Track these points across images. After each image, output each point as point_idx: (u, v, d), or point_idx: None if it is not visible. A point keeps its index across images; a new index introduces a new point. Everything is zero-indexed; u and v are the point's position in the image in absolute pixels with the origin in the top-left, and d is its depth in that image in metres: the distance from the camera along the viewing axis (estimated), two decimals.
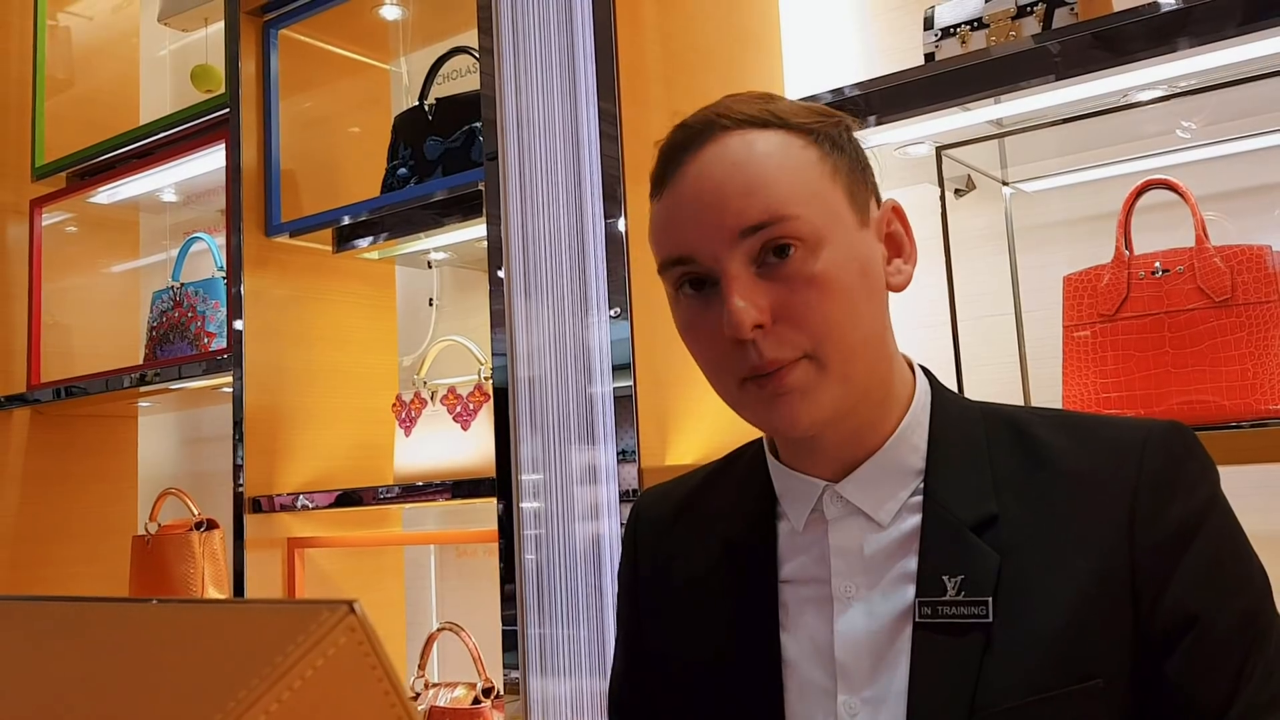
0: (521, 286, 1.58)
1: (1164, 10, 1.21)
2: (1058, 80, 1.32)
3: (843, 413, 0.81)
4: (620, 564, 1.02)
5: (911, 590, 0.80)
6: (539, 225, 1.58)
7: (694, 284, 0.82)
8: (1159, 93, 1.38)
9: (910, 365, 0.88)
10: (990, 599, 0.77)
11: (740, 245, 0.78)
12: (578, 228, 1.54)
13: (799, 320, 0.78)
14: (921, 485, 0.83)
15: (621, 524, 1.45)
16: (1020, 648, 0.76)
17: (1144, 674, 0.76)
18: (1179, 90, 1.37)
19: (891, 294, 0.86)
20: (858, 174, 0.84)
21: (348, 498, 1.91)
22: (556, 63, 1.58)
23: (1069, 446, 0.82)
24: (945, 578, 0.79)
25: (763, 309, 0.78)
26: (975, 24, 1.41)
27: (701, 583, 0.91)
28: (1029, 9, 1.37)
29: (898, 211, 0.86)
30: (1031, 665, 0.75)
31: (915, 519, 0.83)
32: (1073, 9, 1.34)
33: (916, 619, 0.79)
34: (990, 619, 0.77)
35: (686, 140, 0.82)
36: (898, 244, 0.86)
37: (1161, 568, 0.76)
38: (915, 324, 1.66)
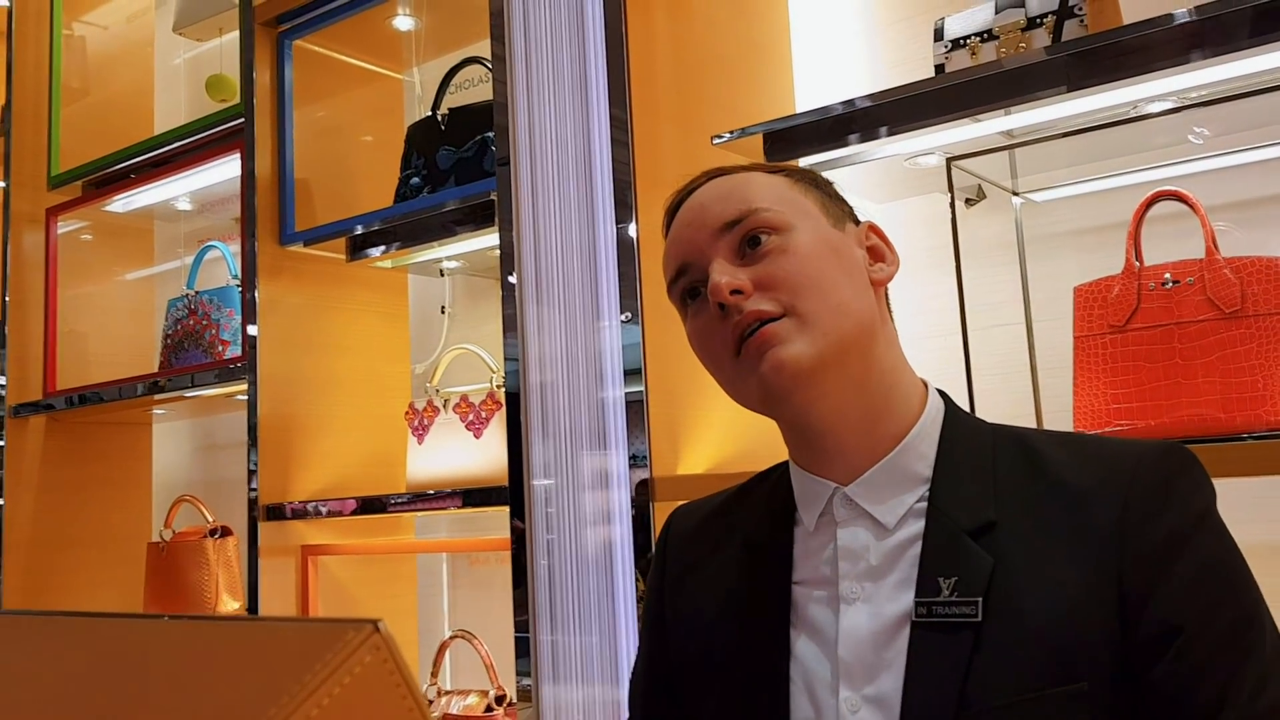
0: (533, 292, 1.59)
1: (1174, 23, 1.21)
2: (1068, 92, 1.32)
3: (827, 369, 0.85)
4: (651, 570, 1.07)
5: (912, 593, 0.84)
6: (550, 231, 1.59)
7: (693, 294, 0.92)
8: (1169, 104, 1.38)
9: (925, 385, 0.93)
10: (981, 600, 0.80)
11: (721, 240, 0.89)
12: (589, 234, 1.55)
13: (775, 283, 0.86)
14: (927, 493, 0.87)
15: (633, 530, 1.46)
16: (1009, 648, 0.79)
17: (1130, 681, 0.78)
18: (1189, 102, 1.37)
19: (897, 316, 0.95)
20: (831, 201, 0.94)
21: (361, 505, 1.92)
22: (568, 71, 1.59)
23: (1068, 460, 0.85)
24: (941, 579, 0.83)
25: (743, 281, 0.87)
26: (985, 36, 1.42)
27: (721, 583, 0.96)
28: (1039, 21, 1.38)
29: (874, 228, 0.95)
30: (1019, 665, 0.78)
31: (919, 525, 0.86)
32: (1083, 21, 1.34)
33: (914, 619, 0.82)
34: (979, 619, 0.80)
35: (686, 189, 0.96)
36: (878, 253, 0.94)
37: (1149, 577, 0.78)
38: (926, 334, 1.67)
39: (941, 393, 0.93)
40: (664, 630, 1.01)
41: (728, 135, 1.55)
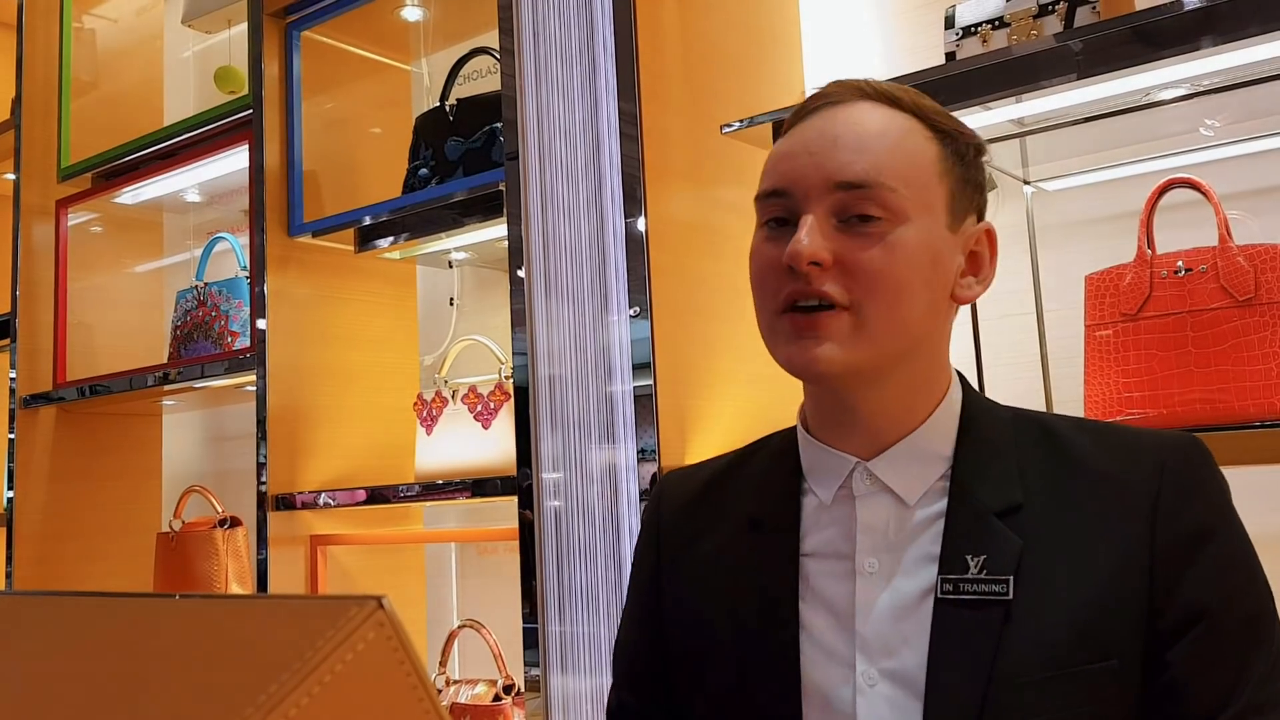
0: (542, 286, 1.59)
1: (1187, 9, 1.20)
2: (1080, 79, 1.31)
3: (862, 376, 0.84)
4: (640, 542, 1.05)
5: (933, 570, 0.84)
6: (559, 225, 1.58)
7: (778, 221, 0.87)
8: (1182, 91, 1.37)
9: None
10: (1011, 578, 0.81)
11: (831, 196, 0.83)
12: (598, 227, 1.54)
13: (856, 271, 0.82)
14: (949, 471, 0.87)
15: (641, 522, 1.46)
16: (1040, 625, 0.79)
17: (1149, 660, 0.80)
18: (1202, 89, 1.36)
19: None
20: (967, 188, 0.88)
21: (370, 496, 1.93)
22: (577, 63, 1.59)
23: (1092, 447, 0.86)
24: (968, 557, 0.82)
25: (827, 252, 0.82)
26: (996, 23, 1.41)
27: (723, 557, 0.94)
28: (1050, 8, 1.37)
29: (990, 235, 0.90)
30: (1051, 642, 0.79)
31: (941, 503, 0.86)
32: (1094, 7, 1.33)
33: (938, 595, 0.82)
34: (1010, 596, 0.80)
35: (830, 95, 0.88)
36: (978, 263, 0.90)
37: (1178, 562, 0.80)
38: None
39: (958, 372, 0.93)
40: (659, 602, 0.99)
41: (737, 124, 1.55)
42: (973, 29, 1.43)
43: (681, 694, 0.95)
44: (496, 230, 1.89)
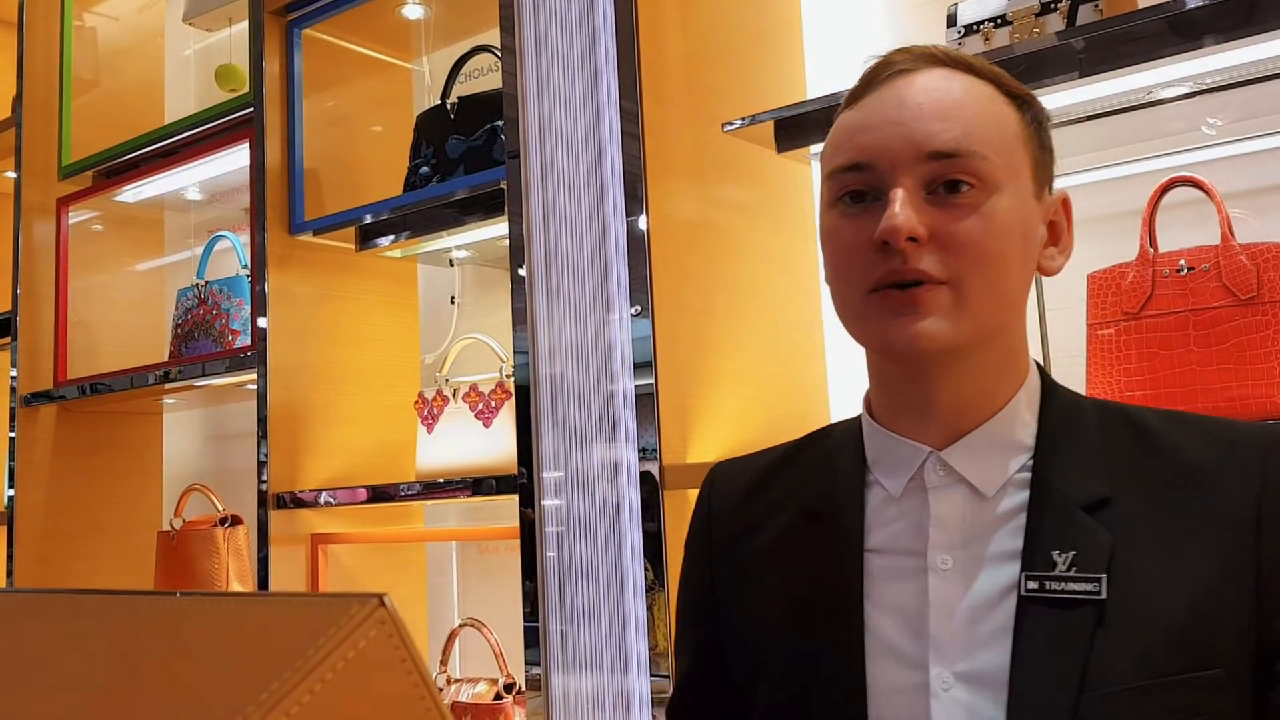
0: (543, 284, 1.59)
1: (1189, 7, 1.20)
2: (1081, 78, 1.31)
3: (959, 354, 0.80)
4: (691, 535, 0.99)
5: (1014, 567, 0.78)
6: (560, 223, 1.58)
7: (855, 196, 0.82)
8: (1184, 89, 1.37)
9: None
10: (1104, 576, 0.75)
11: (921, 167, 0.78)
12: (599, 226, 1.54)
13: (955, 245, 0.78)
14: (1029, 462, 0.82)
15: (642, 520, 1.46)
16: (1136, 629, 0.74)
17: (1261, 672, 0.74)
18: (1204, 87, 1.36)
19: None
20: (1045, 155, 0.85)
21: (371, 494, 1.93)
22: (578, 61, 1.59)
23: (1184, 439, 0.81)
24: (1055, 553, 0.77)
25: (922, 226, 0.77)
26: (999, 21, 1.41)
27: (782, 552, 0.89)
28: (1053, 6, 1.37)
29: (1066, 204, 0.87)
30: (1146, 648, 0.73)
31: (1021, 496, 0.81)
32: (1097, 6, 1.33)
33: (1022, 593, 0.77)
34: (1103, 596, 0.75)
35: (900, 63, 0.83)
36: (1057, 234, 0.86)
37: None
38: None
39: (1036, 363, 0.88)
40: (714, 599, 0.93)
41: (738, 122, 1.55)
42: (975, 27, 1.43)
43: (743, 697, 0.90)
44: (498, 228, 1.89)
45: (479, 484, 1.78)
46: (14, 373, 2.45)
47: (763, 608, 0.89)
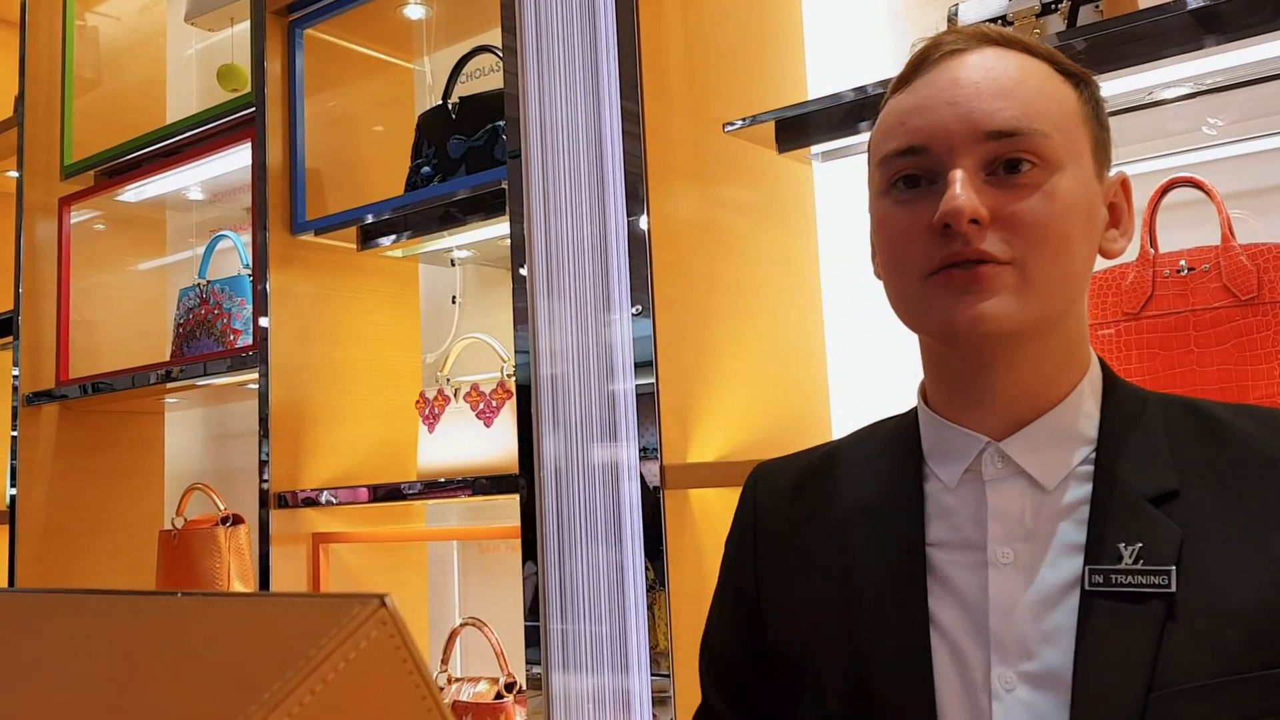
0: (544, 284, 1.59)
1: (1189, 8, 1.20)
2: None
3: (1023, 338, 0.77)
4: (730, 539, 0.97)
5: (1077, 561, 0.76)
6: (561, 223, 1.58)
7: (909, 181, 0.79)
8: (1184, 90, 1.37)
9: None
10: (1174, 569, 0.72)
11: (979, 148, 0.76)
12: (600, 226, 1.54)
13: (1018, 226, 0.75)
14: (1092, 455, 0.79)
15: (643, 520, 1.46)
16: (1208, 624, 0.71)
17: None
18: (1205, 88, 1.36)
19: None
20: (1103, 133, 0.83)
21: (372, 494, 1.93)
22: (580, 62, 1.59)
23: (1256, 430, 0.78)
24: (1121, 545, 0.74)
25: (985, 208, 0.75)
26: (999, 22, 1.41)
27: (832, 548, 0.87)
28: (1053, 6, 1.37)
29: (1125, 185, 0.84)
30: (1219, 644, 0.70)
31: (1084, 488, 0.78)
32: (1097, 6, 1.33)
33: (1086, 587, 0.74)
34: (1173, 589, 0.71)
35: (952, 43, 0.81)
36: (1118, 215, 0.84)
37: None
38: None
39: (1097, 355, 0.86)
40: (757, 605, 0.90)
41: (739, 122, 1.55)
42: None
43: (787, 697, 0.87)
44: (499, 228, 1.90)
45: (480, 483, 1.78)
46: (16, 372, 2.45)
47: (814, 605, 0.86)
